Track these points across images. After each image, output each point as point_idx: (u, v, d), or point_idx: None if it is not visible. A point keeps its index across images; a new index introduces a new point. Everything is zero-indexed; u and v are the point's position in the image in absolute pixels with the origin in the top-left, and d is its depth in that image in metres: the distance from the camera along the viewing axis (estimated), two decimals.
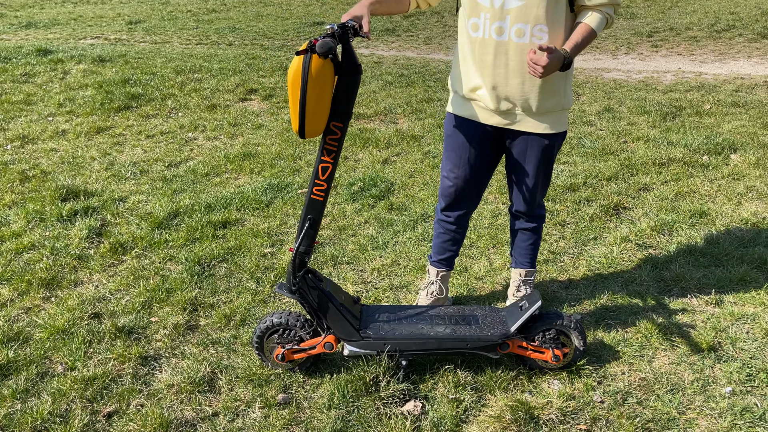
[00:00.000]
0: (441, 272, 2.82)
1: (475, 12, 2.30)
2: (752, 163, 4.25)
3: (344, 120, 2.17)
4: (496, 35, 2.28)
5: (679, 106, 5.57)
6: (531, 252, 2.79)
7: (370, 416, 2.27)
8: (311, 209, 2.28)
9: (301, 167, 4.51)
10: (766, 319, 2.74)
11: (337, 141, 2.20)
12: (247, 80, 6.91)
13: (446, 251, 2.79)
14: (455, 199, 2.64)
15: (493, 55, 2.31)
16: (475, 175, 2.57)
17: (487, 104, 2.39)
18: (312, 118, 2.07)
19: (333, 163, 2.23)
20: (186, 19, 12.72)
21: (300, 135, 2.12)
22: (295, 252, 2.30)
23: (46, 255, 3.34)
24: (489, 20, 2.27)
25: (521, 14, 2.22)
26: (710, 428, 2.20)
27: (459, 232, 2.74)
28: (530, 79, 2.31)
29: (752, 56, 7.67)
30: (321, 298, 2.36)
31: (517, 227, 2.78)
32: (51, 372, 2.49)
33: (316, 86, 2.03)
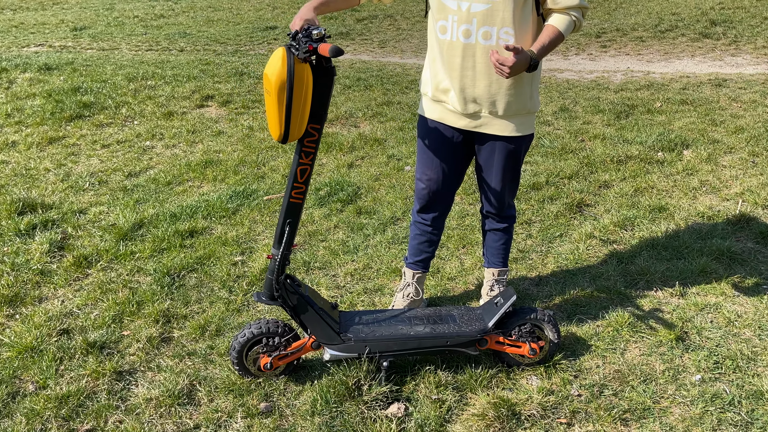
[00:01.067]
0: (417, 274, 2.84)
1: (442, 14, 2.33)
2: (704, 159, 4.42)
3: (321, 122, 2.18)
4: (464, 38, 2.31)
5: (631, 105, 5.74)
6: (503, 251, 2.84)
7: (355, 421, 2.27)
8: (290, 213, 2.28)
9: (265, 173, 4.48)
10: (727, 308, 2.85)
11: (314, 143, 2.20)
12: (203, 86, 6.81)
13: (422, 253, 2.81)
14: (429, 201, 2.66)
15: (461, 58, 2.35)
16: (447, 177, 2.60)
17: (455, 107, 2.43)
18: (296, 123, 2.07)
19: (310, 165, 2.24)
20: (133, 24, 12.45)
21: (282, 140, 2.11)
22: (277, 257, 2.29)
23: (6, 271, 3.22)
24: (456, 23, 2.31)
25: (488, 17, 2.26)
26: (683, 416, 2.28)
27: (435, 233, 2.77)
28: (497, 81, 2.35)
29: (695, 55, 7.96)
30: (300, 302, 2.36)
31: (488, 228, 2.82)
32: (22, 391, 2.41)
33: (300, 90, 2.03)
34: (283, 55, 2.02)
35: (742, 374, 2.46)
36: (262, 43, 9.99)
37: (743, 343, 2.63)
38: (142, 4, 16.29)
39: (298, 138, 2.15)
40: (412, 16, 12.03)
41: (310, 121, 2.16)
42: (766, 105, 5.60)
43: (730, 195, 3.91)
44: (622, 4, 12.12)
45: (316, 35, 2.01)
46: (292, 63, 2.00)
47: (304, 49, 2.00)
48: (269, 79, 2.05)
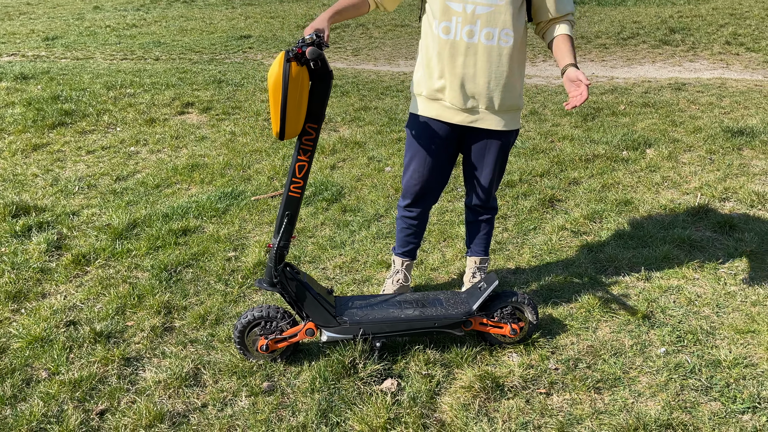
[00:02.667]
0: (405, 262, 3.05)
1: (446, 16, 2.51)
2: (665, 157, 4.71)
3: (318, 122, 2.37)
4: (467, 38, 2.50)
5: (597, 108, 6.04)
6: (485, 241, 3.05)
7: (352, 395, 2.46)
8: (289, 206, 2.46)
9: (251, 175, 4.64)
10: (688, 290, 3.11)
11: (312, 141, 2.39)
12: (182, 94, 6.94)
13: (409, 244, 3.01)
14: (419, 195, 2.85)
15: (463, 56, 2.53)
16: (438, 173, 2.79)
17: (453, 103, 2.60)
18: (291, 121, 2.26)
19: (308, 162, 2.42)
20: (106, 34, 12.48)
21: (280, 137, 2.29)
22: (275, 247, 2.47)
23: (8, 270, 3.34)
24: (460, 24, 2.49)
25: (490, 19, 2.46)
26: (650, 383, 2.52)
27: (420, 226, 2.97)
28: (495, 78, 2.54)
29: (656, 61, 8.34)
30: (299, 288, 2.54)
31: (472, 219, 3.02)
32: (36, 378, 2.55)
33: (295, 91, 2.21)
34: (281, 58, 2.20)
35: (701, 346, 2.71)
36: (237, 52, 10.14)
37: (702, 319, 2.88)
38: (111, 14, 16.29)
39: (296, 136, 2.34)
40: (384, 25, 12.29)
41: (307, 121, 2.35)
42: (721, 107, 5.95)
43: (689, 189, 4.19)
44: (586, 12, 12.54)
45: (308, 40, 2.20)
46: (288, 66, 2.18)
47: (294, 52, 2.19)
48: (269, 81, 2.25)
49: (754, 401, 2.39)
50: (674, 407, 2.38)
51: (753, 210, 3.88)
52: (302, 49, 2.17)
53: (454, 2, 2.48)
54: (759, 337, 2.74)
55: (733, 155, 4.72)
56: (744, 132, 5.10)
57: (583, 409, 2.40)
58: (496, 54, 2.51)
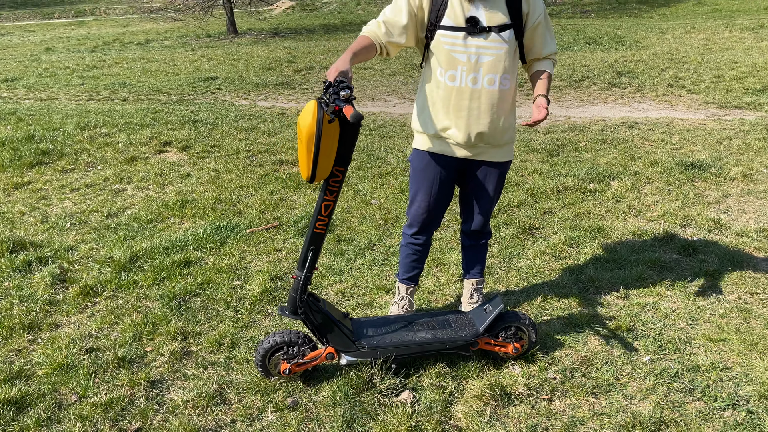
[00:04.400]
0: (410, 288, 3.26)
1: (452, 66, 2.77)
2: (628, 188, 5.11)
3: (345, 165, 2.53)
4: (472, 84, 2.76)
5: (560, 144, 6.46)
6: (481, 264, 3.31)
7: (373, 407, 2.64)
8: (314, 241, 2.62)
9: (242, 210, 4.81)
10: (663, 305, 3.42)
11: (338, 183, 2.55)
12: (159, 133, 7.06)
13: (414, 269, 3.23)
14: (425, 224, 3.08)
15: (468, 100, 2.79)
16: (442, 202, 3.04)
17: (457, 140, 2.85)
18: (322, 166, 2.42)
19: (334, 202, 2.59)
20: (67, 75, 12.47)
21: (310, 180, 2.46)
22: (300, 278, 2.63)
23: (16, 303, 3.41)
24: (465, 72, 2.75)
25: (492, 67, 2.74)
26: (640, 387, 2.78)
27: (425, 251, 3.20)
28: (497, 118, 2.82)
29: (607, 101, 8.92)
30: (322, 318, 2.70)
31: (469, 244, 3.27)
32: (66, 401, 2.64)
33: (327, 140, 2.38)
34: (314, 109, 2.34)
35: (681, 354, 3.00)
36: (206, 93, 10.31)
37: (679, 331, 3.19)
38: (66, 56, 16.25)
39: (324, 178, 2.52)
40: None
41: (335, 164, 2.50)
42: (672, 143, 6.44)
43: (653, 217, 4.57)
44: None
45: (343, 96, 2.32)
46: (321, 117, 2.33)
47: (331, 109, 2.32)
48: (301, 130, 2.37)
49: (732, 399, 2.68)
50: (664, 407, 2.65)
51: (711, 234, 4.26)
52: (339, 106, 2.29)
53: (458, 53, 2.74)
54: (730, 344, 3.05)
55: (688, 186, 5.14)
56: (695, 165, 5.56)
57: (584, 411, 2.64)
58: (498, 97, 2.79)
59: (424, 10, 2.77)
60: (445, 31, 2.74)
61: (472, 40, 2.71)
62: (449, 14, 2.73)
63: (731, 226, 4.37)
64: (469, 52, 2.73)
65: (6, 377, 2.76)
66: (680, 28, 17.41)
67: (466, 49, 2.73)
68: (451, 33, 2.73)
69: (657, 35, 16.14)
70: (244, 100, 9.72)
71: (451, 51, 2.74)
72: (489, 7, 2.70)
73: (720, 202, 4.80)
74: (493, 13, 2.71)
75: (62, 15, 40.70)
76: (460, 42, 2.73)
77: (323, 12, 31.90)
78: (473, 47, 2.72)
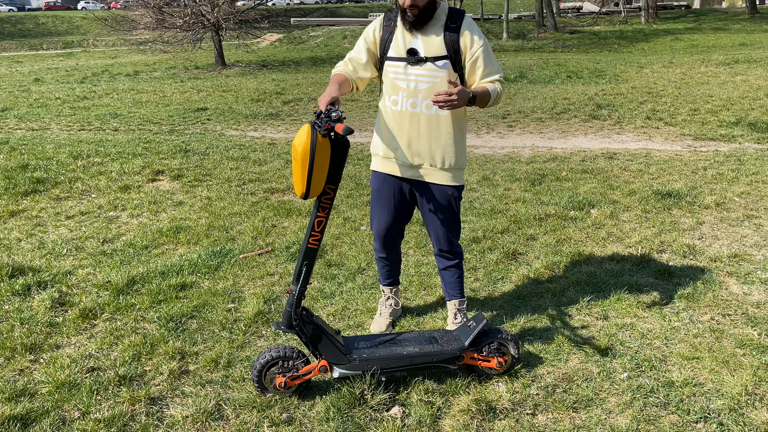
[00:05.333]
0: (393, 288, 3.58)
1: (394, 92, 3.08)
2: (607, 215, 5.32)
3: (336, 183, 2.75)
4: (411, 108, 3.07)
5: (542, 174, 6.69)
6: (459, 284, 3.49)
7: (365, 421, 2.77)
8: (307, 256, 2.80)
9: (235, 236, 4.95)
10: (640, 326, 3.59)
11: (330, 200, 2.76)
12: (151, 162, 7.21)
13: (390, 276, 3.56)
14: (386, 237, 3.37)
15: (408, 123, 3.09)
16: (398, 218, 3.32)
17: (403, 161, 3.15)
18: (315, 183, 2.63)
19: (326, 218, 2.79)
20: (58, 106, 12.61)
21: (304, 197, 2.66)
22: (295, 293, 2.79)
23: (17, 325, 3.51)
24: (405, 97, 3.06)
25: (429, 93, 3.02)
26: (618, 402, 2.93)
27: (395, 259, 3.51)
28: (436, 141, 3.09)
29: (588, 133, 9.20)
30: (315, 330, 2.86)
31: (443, 267, 3.47)
32: (69, 417, 2.74)
33: (320, 158, 2.60)
34: (308, 131, 2.59)
35: (656, 371, 3.16)
36: (196, 124, 10.49)
37: (655, 349, 3.35)
38: (56, 86, 16.41)
39: (317, 195, 2.72)
40: None
41: (327, 182, 2.73)
42: (650, 173, 6.69)
43: (631, 243, 4.77)
44: (520, 90, 13.60)
45: (334, 117, 2.59)
46: (315, 138, 2.57)
47: (324, 128, 2.58)
48: (296, 150, 2.60)
49: (704, 413, 2.84)
50: (640, 420, 2.80)
51: (686, 260, 4.46)
52: (331, 124, 2.55)
53: (400, 81, 3.07)
54: (702, 362, 3.22)
55: (665, 214, 5.36)
56: (671, 194, 5.79)
57: (565, 425, 2.79)
58: (435, 121, 3.07)
59: (377, 45, 3.11)
60: (391, 61, 3.07)
61: (411, 69, 3.03)
62: (394, 46, 3.06)
63: (705, 251, 4.58)
64: (408, 80, 3.04)
65: (10, 395, 2.87)
66: (658, 63, 17.95)
67: (406, 76, 3.04)
68: (394, 63, 3.06)
69: (636, 69, 16.63)
70: (234, 130, 9.91)
71: (394, 79, 3.07)
72: (428, 40, 3.02)
73: (694, 229, 5.02)
74: (430, 45, 3.01)
75: (49, 46, 41.02)
76: (401, 70, 3.04)
77: (310, 45, 32.41)
78: (412, 75, 3.03)
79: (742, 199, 5.69)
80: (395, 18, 3.09)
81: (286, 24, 42.33)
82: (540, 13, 33.78)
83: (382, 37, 3.09)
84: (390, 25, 3.09)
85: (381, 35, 3.10)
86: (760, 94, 11.73)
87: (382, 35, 3.10)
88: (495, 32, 32.18)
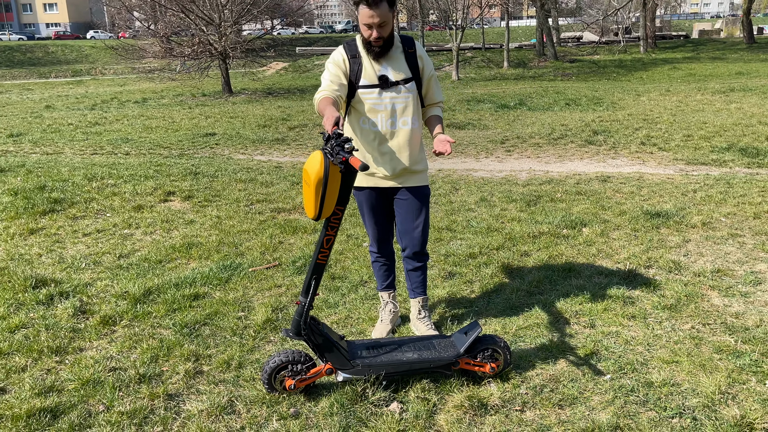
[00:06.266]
0: (390, 293, 3.85)
1: (373, 114, 3.44)
2: (598, 234, 5.58)
3: (344, 204, 3.00)
4: (390, 127, 3.47)
5: (537, 195, 6.97)
6: (424, 283, 3.82)
7: (366, 415, 3.00)
8: (316, 270, 3.06)
9: (244, 252, 5.22)
10: (624, 333, 3.83)
11: (338, 220, 3.01)
12: (162, 184, 7.51)
13: (387, 277, 3.85)
14: (381, 240, 3.74)
15: (389, 139, 3.48)
16: (385, 224, 3.72)
17: (385, 174, 3.52)
18: (327, 206, 2.89)
19: (334, 236, 3.04)
20: (71, 131, 13.00)
21: (316, 218, 2.92)
22: (304, 304, 3.04)
23: (42, 330, 3.77)
24: (385, 118, 3.45)
25: (403, 111, 3.46)
26: (601, 400, 3.17)
27: (390, 260, 3.83)
28: (412, 151, 3.52)
29: (583, 158, 9.50)
30: (322, 338, 3.11)
31: (411, 268, 3.79)
32: (95, 411, 2.99)
33: (332, 184, 2.86)
34: (321, 159, 2.81)
35: (638, 373, 3.40)
36: (205, 148, 10.85)
37: (637, 354, 3.59)
38: (67, 113, 16.84)
39: (327, 216, 2.98)
40: None
41: (336, 204, 2.99)
42: (641, 195, 6.97)
43: (620, 259, 5.02)
44: (519, 117, 13.96)
45: (348, 148, 2.77)
46: (328, 166, 2.81)
47: (338, 159, 2.78)
48: (309, 176, 2.83)
49: (680, 409, 3.07)
50: (620, 416, 3.03)
51: (671, 275, 4.71)
52: (345, 156, 2.74)
53: (377, 104, 3.44)
54: (680, 366, 3.46)
55: (653, 233, 5.62)
56: (660, 214, 6.06)
57: (551, 420, 3.02)
58: (410, 134, 3.49)
59: (346, 76, 3.42)
60: (364, 89, 3.42)
61: (386, 92, 3.42)
62: (365, 75, 3.41)
63: (690, 267, 4.83)
64: (384, 102, 3.42)
65: (40, 390, 3.12)
66: (655, 91, 18.34)
67: (381, 100, 3.42)
68: (368, 90, 3.42)
69: (633, 97, 17.02)
70: (242, 154, 10.25)
71: (372, 104, 3.43)
72: (393, 66, 3.43)
73: (681, 247, 5.27)
74: (397, 70, 3.43)
75: (59, 74, 41.89)
76: (376, 96, 3.42)
77: (315, 73, 33.03)
78: (387, 98, 3.42)
79: (728, 219, 5.95)
80: (356, 49, 3.44)
81: (291, 53, 43.11)
82: (540, 43, 34.39)
83: (351, 68, 3.41)
84: (355, 57, 3.42)
85: (349, 67, 3.41)
86: (753, 121, 12.05)
87: (350, 67, 3.41)
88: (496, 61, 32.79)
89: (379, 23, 3.26)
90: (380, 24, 3.27)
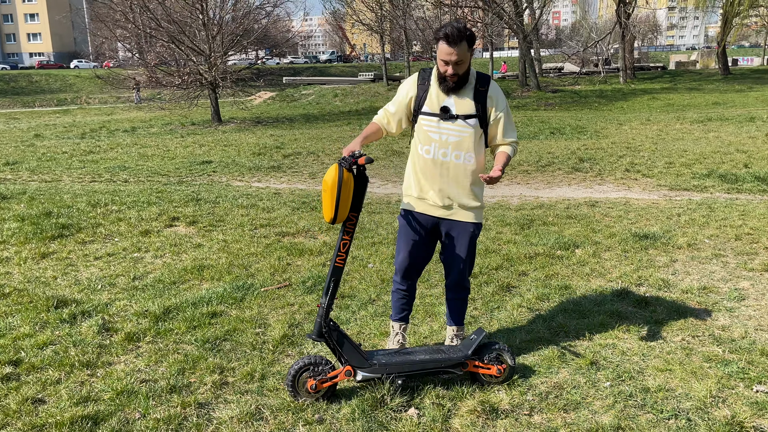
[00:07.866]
0: (402, 325, 3.93)
1: (427, 142, 3.59)
2: (591, 254, 5.88)
3: (358, 211, 3.30)
4: (442, 157, 3.57)
5: (530, 219, 7.27)
6: (462, 314, 3.95)
7: (386, 420, 3.22)
8: (335, 273, 3.32)
9: (254, 273, 5.44)
10: (620, 345, 4.09)
11: (353, 225, 3.30)
12: (166, 210, 7.72)
13: (403, 311, 3.90)
14: (409, 271, 3.77)
15: (439, 170, 3.58)
16: (422, 255, 3.75)
17: (435, 202, 3.62)
18: (341, 210, 3.18)
19: (350, 240, 3.32)
20: (66, 159, 13.16)
21: (332, 222, 3.21)
22: (324, 306, 3.29)
23: (71, 346, 3.95)
24: (437, 148, 3.57)
25: (458, 145, 3.55)
26: (602, 405, 3.41)
27: (411, 295, 3.89)
28: (463, 186, 3.58)
29: (571, 184, 9.86)
30: (340, 337, 3.35)
31: (451, 297, 3.94)
32: (131, 418, 3.18)
33: (345, 189, 3.15)
34: (336, 168, 3.16)
35: (635, 381, 3.65)
36: (203, 175, 11.07)
37: (634, 364, 3.85)
38: (58, 142, 16.99)
39: (342, 221, 3.26)
40: (332, 153, 13.62)
41: (351, 210, 3.28)
42: (629, 219, 7.30)
43: (612, 278, 5.31)
44: None
45: (357, 154, 3.20)
46: (342, 173, 3.15)
47: (349, 162, 3.16)
48: (327, 183, 3.16)
49: (675, 411, 3.33)
50: (621, 418, 3.28)
51: (661, 292, 5.00)
52: (355, 158, 3.14)
53: (433, 133, 3.58)
54: (674, 373, 3.72)
55: (642, 253, 5.93)
56: (648, 236, 6.38)
57: (557, 422, 3.26)
58: (462, 169, 3.57)
59: (411, 101, 3.62)
60: (425, 115, 3.59)
61: (444, 123, 3.54)
62: (428, 103, 3.58)
63: (677, 284, 5.12)
64: (441, 132, 3.55)
65: (77, 400, 3.30)
66: (636, 120, 18.92)
67: (438, 130, 3.55)
68: (428, 117, 3.58)
69: (615, 126, 17.55)
70: (239, 181, 10.49)
71: (428, 131, 3.58)
72: (459, 99, 3.54)
73: (669, 266, 5.58)
74: (461, 105, 3.54)
75: (42, 104, 41.93)
76: (434, 124, 3.56)
77: (302, 102, 33.47)
78: (444, 129, 3.54)
79: (712, 240, 6.28)
80: (429, 77, 3.62)
81: (278, 82, 43.64)
82: (523, 73, 35.20)
83: (417, 94, 3.60)
84: (425, 83, 3.60)
85: (416, 93, 3.61)
86: (731, 149, 12.54)
87: (417, 93, 3.60)
88: None
89: (456, 61, 3.42)
90: (457, 62, 3.42)
